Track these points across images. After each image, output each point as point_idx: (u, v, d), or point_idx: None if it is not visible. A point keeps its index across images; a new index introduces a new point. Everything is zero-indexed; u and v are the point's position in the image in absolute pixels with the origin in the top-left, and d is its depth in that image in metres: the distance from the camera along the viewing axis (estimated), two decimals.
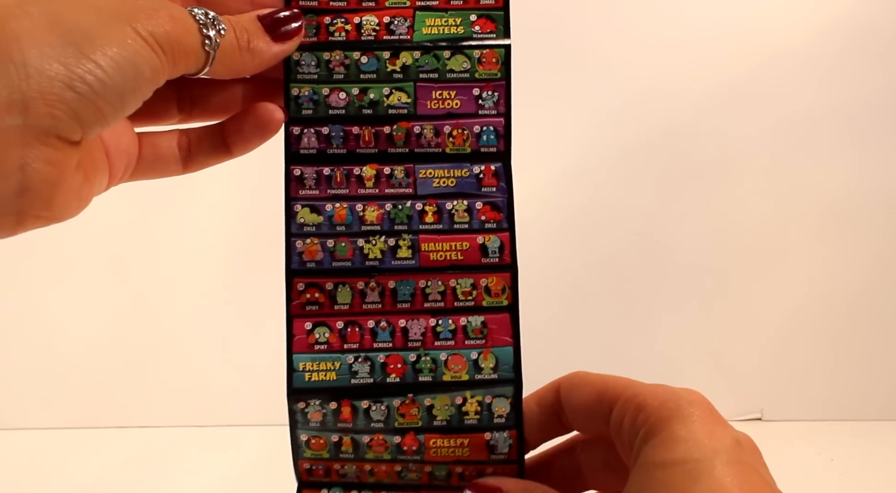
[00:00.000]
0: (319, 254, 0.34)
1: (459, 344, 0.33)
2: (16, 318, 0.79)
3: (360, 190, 0.34)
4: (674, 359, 0.79)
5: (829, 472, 0.70)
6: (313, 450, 0.34)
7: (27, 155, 0.25)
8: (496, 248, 0.34)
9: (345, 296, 0.33)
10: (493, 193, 0.34)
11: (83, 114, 0.26)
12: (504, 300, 0.33)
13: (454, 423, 0.33)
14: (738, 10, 0.74)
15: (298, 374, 0.33)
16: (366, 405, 0.33)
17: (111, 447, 0.76)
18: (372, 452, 0.33)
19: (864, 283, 0.78)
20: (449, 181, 0.34)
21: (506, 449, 0.33)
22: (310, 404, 0.33)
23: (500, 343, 0.33)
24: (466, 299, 0.33)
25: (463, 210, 0.34)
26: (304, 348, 0.33)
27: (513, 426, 0.33)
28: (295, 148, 0.34)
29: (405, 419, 0.33)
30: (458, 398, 0.33)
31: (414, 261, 0.33)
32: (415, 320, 0.33)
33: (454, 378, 0.33)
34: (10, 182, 0.25)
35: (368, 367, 0.33)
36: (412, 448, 0.33)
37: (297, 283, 0.33)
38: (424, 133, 0.33)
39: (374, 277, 0.33)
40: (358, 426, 0.33)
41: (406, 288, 0.33)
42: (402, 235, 0.33)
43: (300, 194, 0.34)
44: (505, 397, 0.33)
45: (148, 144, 0.34)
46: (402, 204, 0.34)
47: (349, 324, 0.33)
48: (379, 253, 0.33)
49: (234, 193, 0.77)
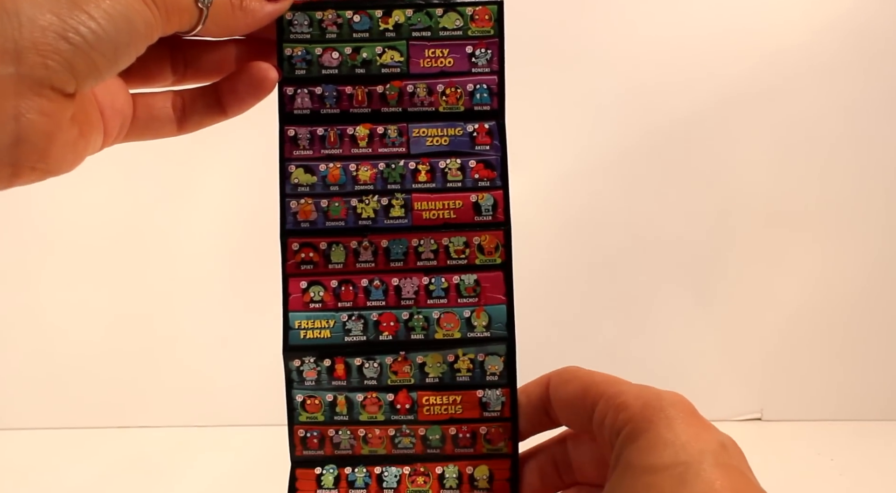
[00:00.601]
0: (313, 214, 0.34)
1: (452, 302, 0.33)
2: (16, 318, 0.79)
3: (354, 150, 0.34)
4: (674, 359, 0.78)
5: (829, 472, 0.69)
6: (308, 412, 0.33)
7: (21, 105, 0.25)
8: (489, 206, 0.34)
9: (338, 255, 0.34)
10: (486, 152, 0.34)
11: (77, 65, 0.26)
12: (497, 258, 0.33)
13: (446, 380, 0.33)
14: (739, 9, 0.74)
15: (294, 331, 0.33)
16: (359, 363, 0.33)
17: (111, 447, 0.76)
18: (366, 413, 0.33)
19: (865, 283, 0.77)
20: (442, 140, 0.34)
21: (498, 407, 0.33)
22: (305, 362, 0.33)
23: (493, 301, 0.33)
24: (459, 258, 0.33)
25: (456, 168, 0.34)
26: (300, 306, 0.33)
27: (505, 384, 0.33)
28: (288, 108, 0.34)
29: (398, 376, 0.33)
30: (450, 356, 0.33)
31: (406, 220, 0.33)
32: (408, 279, 0.33)
33: (446, 336, 0.33)
34: (5, 132, 0.25)
35: (362, 325, 0.33)
36: (405, 406, 0.33)
37: (292, 243, 0.34)
38: (417, 92, 0.34)
39: (367, 236, 0.34)
40: (352, 384, 0.33)
41: (399, 247, 0.33)
42: (395, 195, 0.34)
43: (294, 155, 0.34)
44: (497, 355, 0.33)
45: (142, 104, 0.34)
46: (395, 163, 0.34)
47: (343, 283, 0.33)
48: (372, 212, 0.34)
49: (233, 193, 0.77)
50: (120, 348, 0.79)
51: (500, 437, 0.33)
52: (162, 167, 0.77)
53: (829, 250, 0.77)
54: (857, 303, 0.78)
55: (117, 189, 0.77)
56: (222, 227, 0.78)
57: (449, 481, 0.33)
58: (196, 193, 0.77)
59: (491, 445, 0.33)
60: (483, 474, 0.33)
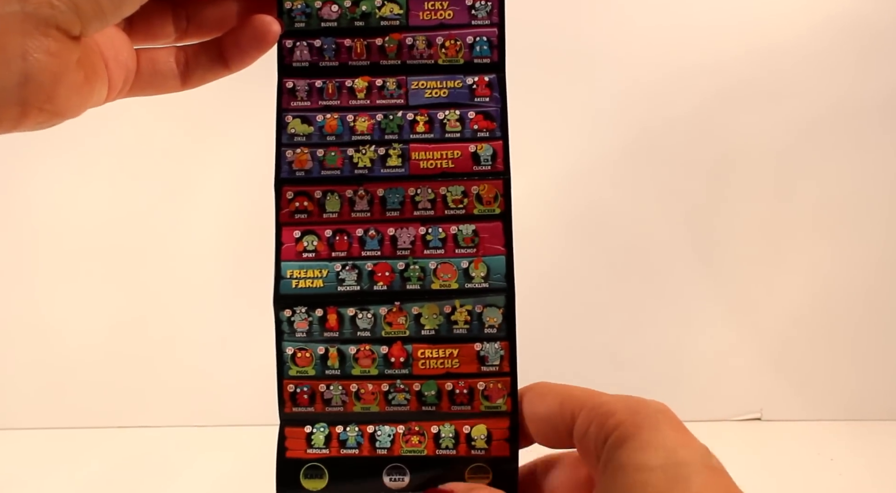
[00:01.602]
0: (309, 163, 0.33)
1: (449, 253, 0.32)
2: (15, 318, 0.79)
3: (352, 101, 0.34)
4: (674, 358, 0.77)
5: (829, 472, 0.69)
6: (298, 366, 0.32)
7: (28, 44, 0.26)
8: (488, 156, 0.33)
9: (333, 204, 0.33)
10: (486, 103, 0.33)
11: (82, 7, 0.27)
12: (496, 208, 0.33)
13: (443, 332, 0.32)
14: (741, 8, 0.74)
15: (286, 281, 0.32)
16: (352, 313, 0.32)
17: (111, 447, 0.75)
18: (358, 366, 0.32)
19: (865, 283, 0.77)
20: (441, 92, 0.33)
21: (497, 361, 0.32)
22: (296, 313, 0.32)
23: (492, 252, 0.32)
24: (457, 207, 0.33)
25: (455, 119, 0.33)
26: (292, 255, 0.33)
27: (504, 336, 0.32)
28: (287, 61, 0.34)
29: (392, 327, 0.32)
30: (446, 307, 0.32)
31: (404, 169, 0.33)
32: (404, 229, 0.33)
33: (443, 287, 0.32)
34: (13, 70, 0.26)
35: (356, 275, 0.32)
36: (399, 360, 0.32)
37: (286, 191, 0.33)
38: (417, 44, 0.33)
39: (363, 185, 0.33)
40: (344, 335, 0.32)
41: (395, 196, 0.33)
42: (393, 144, 0.33)
43: (291, 106, 0.34)
44: (496, 307, 0.32)
45: (146, 59, 0.34)
46: (393, 114, 0.33)
47: (337, 232, 0.33)
48: (368, 161, 0.33)
49: (233, 193, 0.77)
50: (120, 348, 0.78)
51: (498, 393, 0.32)
52: (161, 167, 0.77)
53: (830, 249, 0.77)
54: (857, 303, 0.77)
55: (117, 189, 0.78)
56: (222, 227, 0.78)
57: (445, 441, 0.32)
58: (195, 192, 0.78)
59: (489, 402, 0.32)
60: (481, 433, 0.32)
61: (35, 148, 0.77)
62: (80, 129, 0.76)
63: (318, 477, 0.32)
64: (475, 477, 0.32)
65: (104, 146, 0.77)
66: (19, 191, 0.78)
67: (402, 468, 0.32)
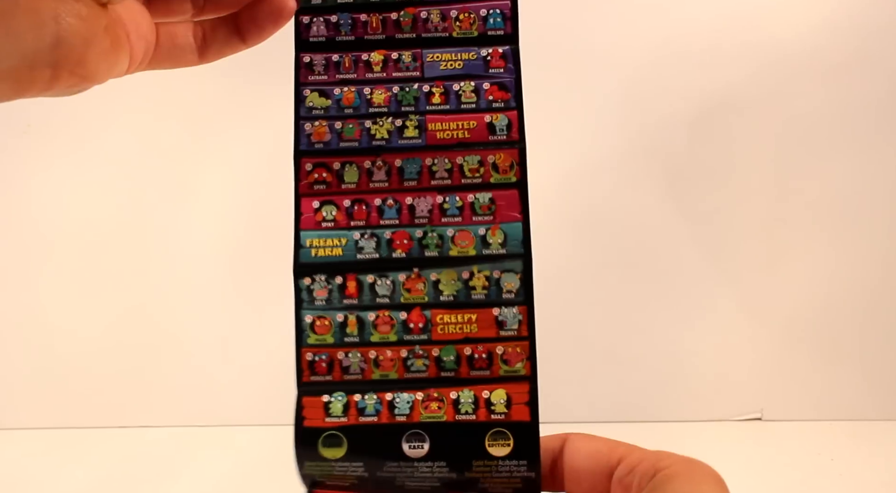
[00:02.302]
0: (327, 135, 0.34)
1: (467, 220, 0.33)
2: (16, 318, 0.79)
3: (368, 74, 0.34)
4: (674, 358, 0.77)
5: (830, 472, 0.69)
6: (317, 334, 0.33)
7: (60, 8, 0.27)
8: (504, 126, 0.34)
9: (352, 175, 0.33)
10: (500, 74, 0.34)
11: None
12: (512, 177, 0.33)
13: (461, 298, 0.32)
14: (743, 8, 0.76)
15: (305, 250, 0.33)
16: (371, 280, 0.33)
17: (111, 447, 0.75)
18: (377, 333, 0.33)
19: (865, 283, 0.77)
20: (456, 64, 0.34)
21: (515, 325, 0.32)
22: (315, 281, 0.33)
23: (509, 219, 0.33)
24: (474, 176, 0.33)
25: (470, 91, 0.34)
26: (312, 225, 0.33)
27: (522, 301, 0.32)
28: (304, 36, 0.34)
29: (411, 294, 0.32)
30: (464, 273, 0.33)
31: (420, 140, 0.33)
32: (422, 198, 0.33)
33: (461, 253, 0.33)
34: (46, 33, 0.26)
35: (374, 243, 0.33)
36: (418, 325, 0.32)
37: (305, 163, 0.33)
38: (431, 18, 0.34)
39: (380, 156, 0.33)
40: (364, 302, 0.32)
41: (413, 166, 0.33)
42: (409, 116, 0.34)
43: (309, 80, 0.34)
44: (514, 273, 0.33)
45: (165, 33, 0.34)
46: (409, 86, 0.34)
47: (356, 202, 0.33)
48: (386, 133, 0.34)
49: (235, 192, 0.78)
50: (120, 348, 0.78)
51: (517, 357, 0.32)
52: (164, 166, 0.77)
53: (829, 250, 0.77)
54: (857, 303, 0.77)
55: (118, 188, 0.78)
56: (224, 226, 0.78)
57: (464, 406, 0.32)
58: (198, 191, 0.78)
59: (508, 366, 0.32)
60: (500, 398, 0.32)
61: (36, 148, 0.77)
62: (81, 128, 0.77)
63: (336, 445, 0.32)
64: (496, 443, 0.32)
65: (105, 146, 0.77)
66: (21, 191, 0.78)
67: (422, 434, 0.32)
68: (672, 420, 0.76)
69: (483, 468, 0.32)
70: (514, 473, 0.32)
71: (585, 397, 0.76)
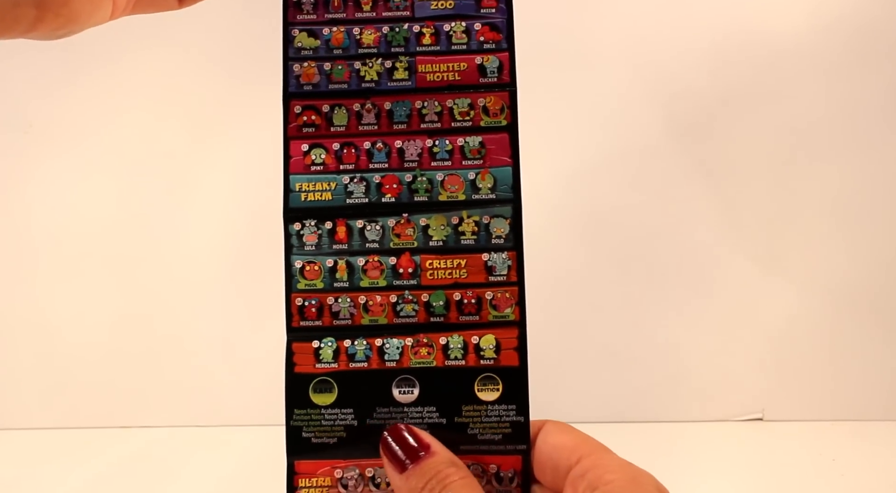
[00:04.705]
0: (316, 77, 0.33)
1: (456, 164, 0.32)
2: (16, 318, 0.78)
3: (358, 14, 0.33)
4: (674, 358, 0.76)
5: (831, 472, 0.68)
6: (307, 279, 0.33)
7: None
8: (495, 68, 0.33)
9: (341, 118, 0.33)
10: (491, 14, 0.33)
11: None
12: (503, 120, 0.33)
13: (450, 243, 0.32)
14: (743, 9, 0.73)
15: (295, 194, 0.33)
16: (361, 225, 0.32)
17: (111, 447, 0.74)
18: (367, 277, 0.32)
19: (866, 283, 0.75)
20: (447, 3, 0.33)
21: (504, 271, 0.32)
22: (305, 226, 0.32)
23: (499, 164, 0.32)
24: (464, 119, 0.33)
25: (461, 31, 0.33)
26: (301, 168, 0.33)
27: (511, 247, 0.32)
28: None
29: (400, 239, 0.32)
30: (454, 218, 0.32)
31: (410, 82, 0.33)
32: (411, 141, 0.33)
33: (450, 198, 0.32)
34: None
35: (364, 187, 0.32)
36: (408, 270, 0.32)
37: (294, 105, 0.33)
38: None
39: (370, 98, 0.33)
40: (353, 247, 0.32)
41: (402, 109, 0.33)
42: (399, 57, 0.33)
43: (297, 19, 0.34)
44: (503, 218, 0.32)
45: None
46: (399, 26, 0.33)
47: (345, 145, 0.33)
48: (375, 75, 0.33)
49: (235, 193, 0.76)
50: (121, 348, 0.78)
51: (506, 302, 0.32)
52: (166, 166, 0.76)
53: (830, 250, 0.76)
54: (858, 303, 0.76)
55: (120, 188, 0.77)
56: (224, 227, 0.77)
57: (454, 351, 0.32)
58: (199, 192, 0.76)
59: (497, 311, 0.32)
60: (489, 343, 0.32)
61: (37, 147, 0.77)
62: (83, 128, 0.76)
63: (327, 391, 0.32)
64: (485, 388, 0.32)
65: (105, 145, 0.76)
66: (21, 190, 0.77)
67: (412, 379, 0.32)
68: (673, 420, 0.76)
69: (473, 413, 0.32)
70: (503, 417, 0.32)
71: (585, 398, 0.76)
